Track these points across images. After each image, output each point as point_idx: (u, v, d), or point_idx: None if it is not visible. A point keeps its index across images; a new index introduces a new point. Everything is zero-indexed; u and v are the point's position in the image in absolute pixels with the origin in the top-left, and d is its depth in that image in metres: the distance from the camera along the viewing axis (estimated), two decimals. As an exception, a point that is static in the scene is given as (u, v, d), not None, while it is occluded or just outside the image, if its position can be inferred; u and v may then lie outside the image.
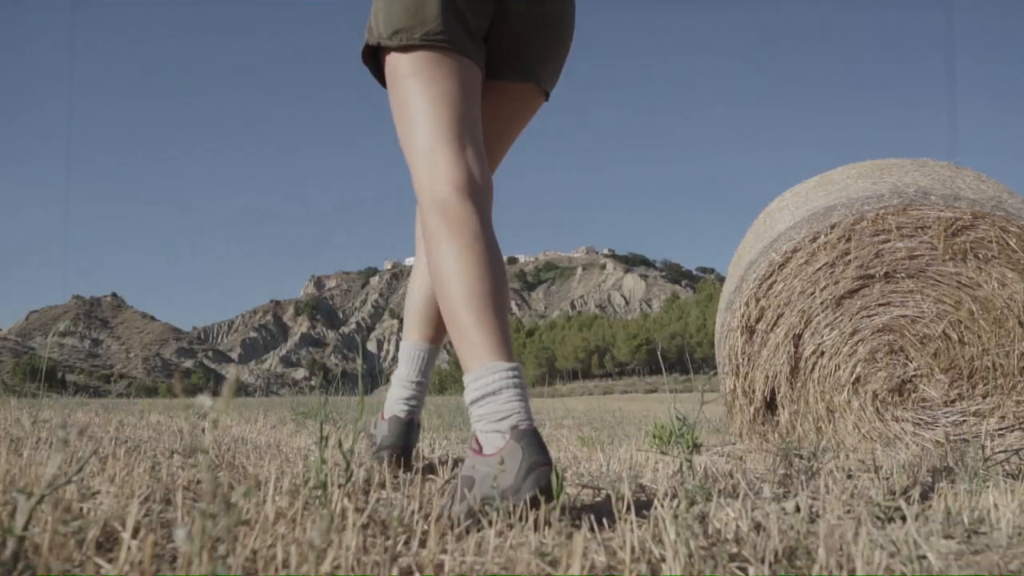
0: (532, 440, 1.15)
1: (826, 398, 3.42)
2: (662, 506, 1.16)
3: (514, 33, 1.50)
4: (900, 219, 3.32)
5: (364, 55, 1.51)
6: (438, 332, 1.84)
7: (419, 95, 1.38)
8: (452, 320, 1.29)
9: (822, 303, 3.40)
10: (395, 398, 1.83)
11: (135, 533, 1.05)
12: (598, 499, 1.48)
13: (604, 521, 1.24)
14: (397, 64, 1.41)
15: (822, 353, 3.42)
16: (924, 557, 1.08)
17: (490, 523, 1.13)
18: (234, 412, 5.86)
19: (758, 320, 3.48)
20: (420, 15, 1.36)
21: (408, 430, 1.80)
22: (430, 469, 1.96)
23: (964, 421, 3.26)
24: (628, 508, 1.25)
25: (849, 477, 2.02)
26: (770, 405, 3.46)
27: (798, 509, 1.39)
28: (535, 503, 1.12)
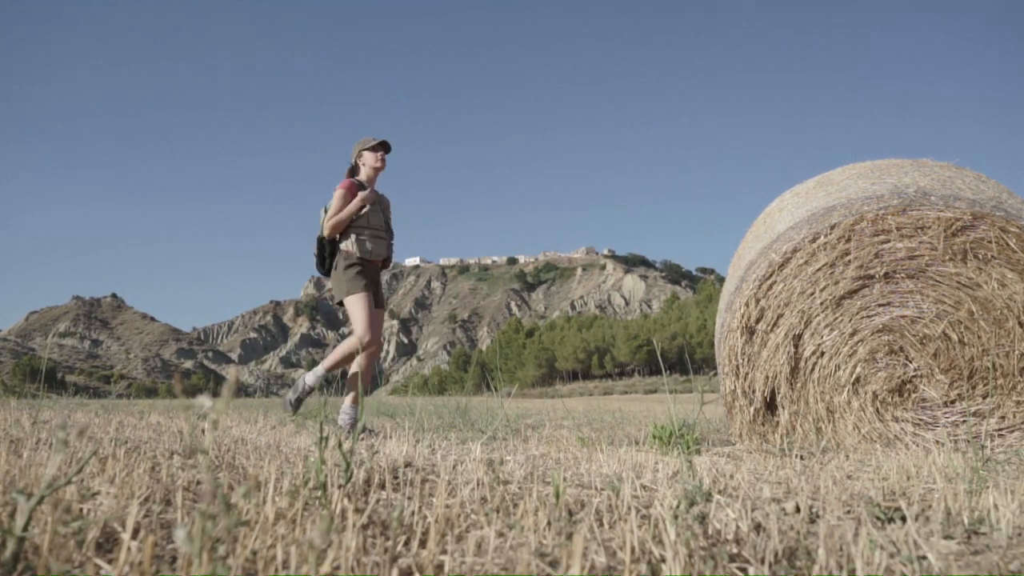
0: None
1: (826, 398, 3.41)
2: (662, 506, 1.16)
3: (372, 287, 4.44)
4: (900, 219, 3.31)
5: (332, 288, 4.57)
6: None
7: (357, 306, 4.27)
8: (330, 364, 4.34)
9: (822, 303, 3.40)
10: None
11: (135, 534, 1.05)
12: (598, 499, 1.48)
13: (604, 521, 1.24)
14: (351, 299, 4.30)
15: (822, 353, 3.42)
16: (924, 557, 1.08)
17: (489, 523, 1.14)
18: (234, 413, 5.86)
19: (758, 320, 3.48)
20: (354, 286, 4.33)
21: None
22: (431, 469, 1.96)
23: (964, 421, 3.25)
24: (628, 508, 1.25)
25: (849, 477, 2.02)
26: (770, 405, 3.46)
27: (798, 509, 1.39)
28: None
